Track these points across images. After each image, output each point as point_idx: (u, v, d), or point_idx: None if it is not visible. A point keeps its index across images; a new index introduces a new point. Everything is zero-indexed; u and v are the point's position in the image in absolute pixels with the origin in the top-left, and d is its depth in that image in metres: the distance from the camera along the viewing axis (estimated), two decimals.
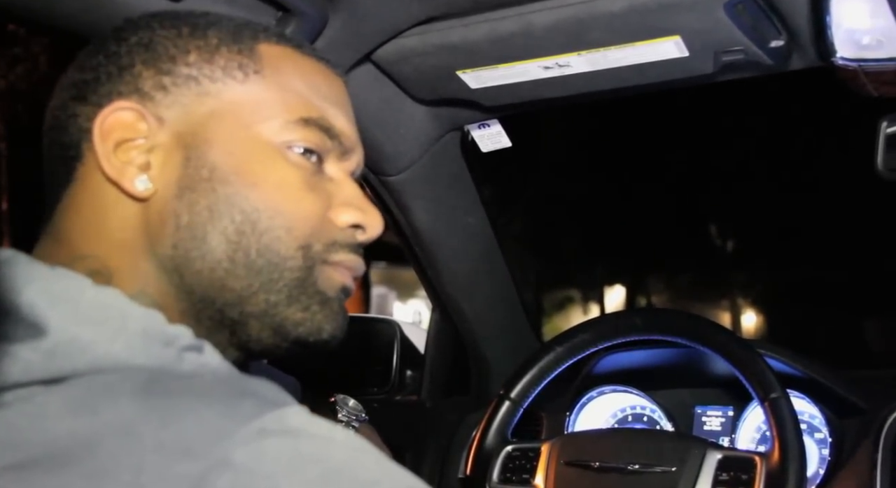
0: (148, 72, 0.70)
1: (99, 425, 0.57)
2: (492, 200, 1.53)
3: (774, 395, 1.21)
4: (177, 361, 0.63)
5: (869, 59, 1.02)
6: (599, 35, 1.07)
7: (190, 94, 0.70)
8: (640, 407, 1.52)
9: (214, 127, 0.70)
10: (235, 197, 0.69)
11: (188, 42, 0.72)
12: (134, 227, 0.69)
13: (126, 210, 0.69)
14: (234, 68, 0.72)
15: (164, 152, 0.69)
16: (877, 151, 1.11)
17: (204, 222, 0.69)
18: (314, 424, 0.59)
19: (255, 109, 0.72)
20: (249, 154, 0.71)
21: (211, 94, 0.71)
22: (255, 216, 0.69)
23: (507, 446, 1.38)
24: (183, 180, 0.69)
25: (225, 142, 0.70)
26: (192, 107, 0.70)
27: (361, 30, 1.09)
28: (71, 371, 0.59)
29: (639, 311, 2.71)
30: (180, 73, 0.70)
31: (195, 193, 0.69)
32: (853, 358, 11.60)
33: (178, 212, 0.68)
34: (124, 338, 0.62)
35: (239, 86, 0.71)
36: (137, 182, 0.68)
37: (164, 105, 0.69)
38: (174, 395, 0.59)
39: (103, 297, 0.63)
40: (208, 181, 0.69)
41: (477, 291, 1.55)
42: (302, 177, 0.72)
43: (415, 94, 1.25)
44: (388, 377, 1.65)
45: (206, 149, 0.70)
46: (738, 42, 1.05)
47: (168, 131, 0.69)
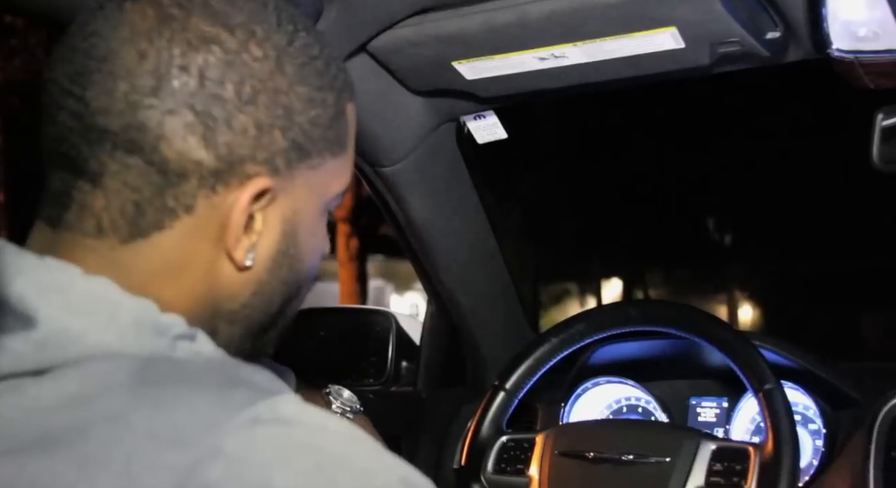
0: (284, 140, 0.67)
1: (90, 413, 0.57)
2: (488, 192, 1.53)
3: (769, 386, 1.21)
4: (169, 349, 0.64)
5: (865, 51, 1.02)
6: (595, 26, 1.07)
7: (302, 169, 0.69)
8: (635, 398, 1.52)
9: (305, 203, 0.71)
10: (301, 266, 0.74)
11: (311, 102, 0.69)
12: (213, 288, 0.69)
13: (217, 272, 0.69)
14: (333, 140, 0.71)
15: (270, 228, 0.69)
16: (872, 143, 1.11)
17: (275, 291, 0.72)
18: (307, 413, 0.59)
19: (332, 182, 0.73)
20: (317, 220, 0.74)
21: (314, 168, 0.70)
22: (304, 279, 0.75)
23: (501, 437, 1.38)
24: (275, 256, 0.70)
25: (309, 215, 0.72)
26: (297, 181, 0.69)
27: (356, 20, 1.09)
28: (62, 361, 0.59)
29: (634, 302, 2.70)
30: (301, 145, 0.69)
31: (281, 269, 0.71)
32: (850, 351, 11.63)
33: (261, 282, 0.70)
34: (115, 327, 0.62)
35: (332, 160, 0.72)
36: (248, 258, 0.68)
37: (283, 179, 0.68)
38: (166, 383, 0.59)
39: (94, 287, 0.63)
40: (293, 257, 0.72)
41: (473, 283, 1.55)
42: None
43: (410, 85, 1.25)
44: (383, 368, 1.66)
45: (298, 227, 0.71)
46: (734, 33, 1.05)
47: (277, 207, 0.69)
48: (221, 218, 0.66)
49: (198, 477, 0.54)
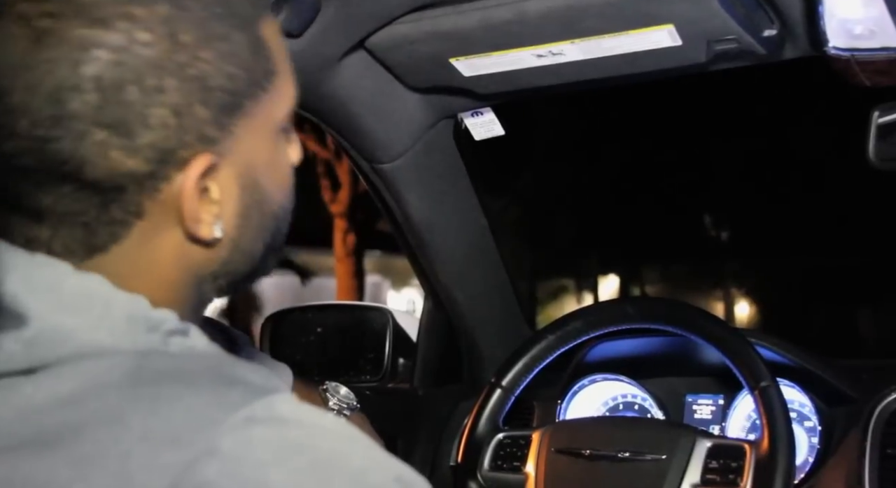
0: (208, 110, 0.65)
1: (86, 413, 0.57)
2: (485, 188, 1.53)
3: (764, 384, 1.22)
4: (162, 345, 0.64)
5: (861, 49, 1.02)
6: (593, 23, 1.07)
7: (238, 122, 0.67)
8: (632, 395, 1.52)
9: (255, 147, 0.69)
10: (272, 206, 0.72)
11: (222, 61, 0.65)
12: (189, 268, 0.69)
13: (188, 255, 0.68)
14: (260, 77, 0.68)
15: (227, 191, 0.68)
16: (868, 141, 1.11)
17: (254, 240, 0.72)
18: (303, 412, 0.60)
19: (275, 111, 0.71)
20: (274, 157, 0.72)
21: (250, 114, 0.68)
22: (282, 213, 0.74)
23: (498, 434, 1.38)
24: (242, 212, 0.69)
25: (263, 156, 0.70)
26: (238, 134, 0.67)
27: (354, 16, 1.09)
28: (54, 359, 0.59)
29: (631, 300, 2.72)
30: (227, 104, 0.66)
31: (251, 220, 0.70)
32: (846, 347, 11.65)
33: (234, 239, 0.70)
34: (108, 324, 0.62)
35: (265, 94, 0.69)
36: (216, 231, 0.67)
37: (222, 144, 0.66)
38: (162, 383, 0.59)
39: (86, 284, 0.63)
40: (260, 203, 0.71)
41: (469, 279, 1.55)
42: (292, 150, 0.75)
43: (408, 82, 1.25)
44: (380, 365, 1.65)
45: (257, 174, 0.70)
46: (731, 31, 1.05)
47: (228, 169, 0.67)
48: (175, 208, 0.65)
49: (194, 477, 0.54)
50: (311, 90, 1.19)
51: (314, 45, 1.10)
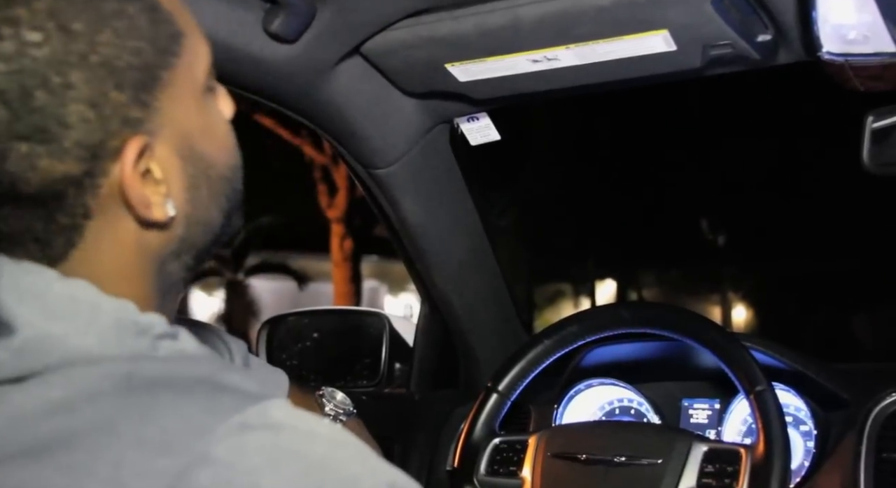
0: (123, 93, 0.63)
1: (78, 420, 0.57)
2: (481, 193, 1.54)
3: (760, 388, 1.22)
4: (151, 350, 0.63)
5: (855, 54, 1.03)
6: (587, 29, 1.07)
7: (158, 95, 0.65)
8: (628, 399, 1.52)
9: (183, 113, 0.68)
10: (219, 169, 0.71)
11: (122, 38, 0.63)
12: (149, 253, 0.68)
13: (147, 240, 0.67)
14: (167, 43, 0.66)
15: (169, 167, 0.67)
16: (863, 146, 1.12)
17: (208, 208, 0.71)
18: (296, 418, 0.59)
19: (194, 72, 0.69)
20: (207, 119, 0.71)
21: (169, 83, 0.66)
22: (231, 173, 0.73)
23: (494, 439, 1.38)
24: (189, 185, 0.69)
25: (194, 121, 0.69)
26: (163, 107, 0.66)
27: (350, 22, 1.09)
28: (42, 367, 0.59)
29: (626, 305, 2.70)
30: (142, 80, 0.64)
31: (199, 189, 0.70)
32: (843, 350, 11.66)
33: (189, 213, 0.69)
34: (96, 330, 0.61)
35: (178, 59, 0.67)
36: (169, 209, 0.67)
37: (149, 121, 0.65)
38: (154, 390, 0.58)
39: (72, 290, 0.62)
40: (204, 170, 0.70)
41: (466, 284, 1.55)
42: (223, 105, 0.74)
43: (403, 87, 1.25)
44: (377, 370, 1.65)
45: (193, 140, 0.69)
46: (725, 36, 1.05)
47: (163, 144, 0.66)
48: (121, 198, 0.64)
49: (188, 483, 0.54)
50: (307, 95, 1.20)
51: (309, 50, 1.10)
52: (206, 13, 0.98)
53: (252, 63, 1.08)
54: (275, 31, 1.04)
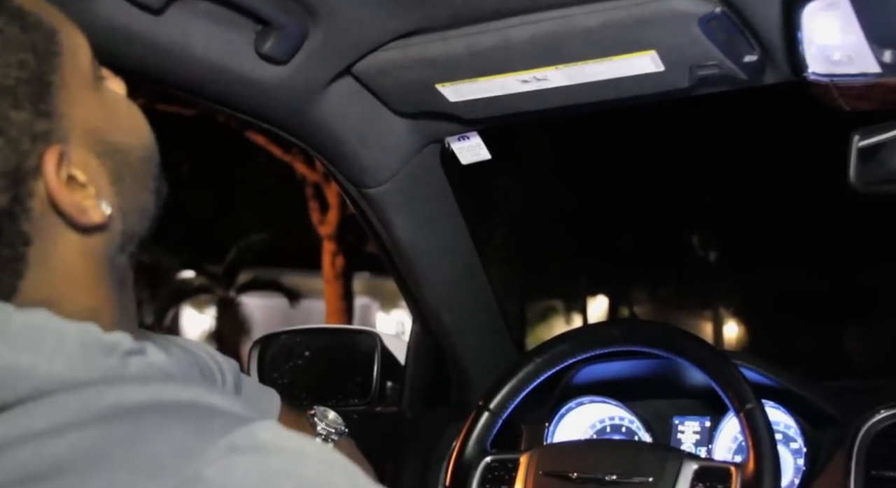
0: (22, 111, 0.62)
1: (65, 447, 0.56)
2: (473, 211, 1.54)
3: (749, 406, 1.22)
4: (121, 367, 0.63)
5: (840, 74, 1.04)
6: (576, 49, 1.08)
7: (58, 101, 0.64)
8: (619, 417, 1.53)
9: (84, 110, 0.67)
10: (136, 152, 0.71)
11: (2, 56, 0.62)
12: (97, 258, 0.68)
13: (92, 247, 0.67)
14: (46, 45, 0.64)
15: (89, 167, 0.66)
16: (849, 164, 1.13)
17: (138, 194, 0.71)
18: (285, 439, 0.59)
19: (79, 64, 0.67)
20: (107, 107, 0.70)
21: (61, 85, 0.65)
22: (148, 152, 0.72)
23: (486, 457, 1.38)
24: (112, 177, 0.68)
25: (96, 112, 0.68)
26: (63, 110, 0.65)
27: (341, 43, 1.10)
28: (15, 399, 0.58)
29: (617, 323, 2.71)
30: (36, 91, 0.63)
31: (124, 179, 0.69)
32: (833, 367, 11.68)
33: (121, 205, 0.69)
34: (63, 356, 0.61)
35: (61, 57, 0.66)
36: (105, 208, 0.66)
37: (55, 129, 0.64)
38: (141, 414, 0.58)
39: (32, 320, 0.61)
40: (122, 159, 0.69)
41: (457, 303, 1.55)
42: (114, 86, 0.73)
43: (394, 107, 1.26)
44: (368, 388, 1.65)
45: (100, 134, 0.68)
46: (712, 57, 1.07)
47: (77, 147, 0.65)
48: (54, 213, 0.64)
49: None
50: (298, 116, 1.20)
51: (301, 71, 1.11)
52: (198, 34, 0.99)
53: (243, 84, 1.09)
54: (266, 52, 1.05)
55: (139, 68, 0.97)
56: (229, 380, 1.05)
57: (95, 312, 0.66)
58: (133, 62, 0.96)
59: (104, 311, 0.67)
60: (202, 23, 0.99)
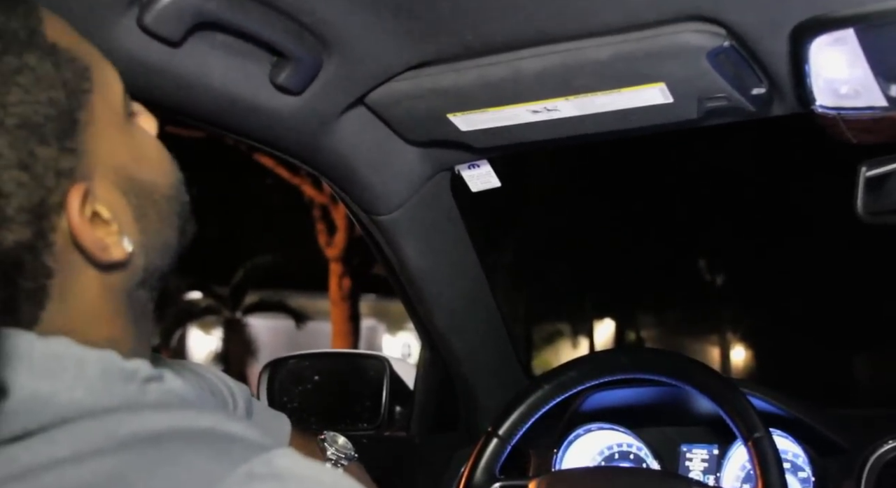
0: (50, 147, 0.62)
1: (87, 474, 0.57)
2: (482, 238, 1.55)
3: (758, 435, 1.23)
4: (140, 394, 0.64)
5: (847, 108, 1.05)
6: (586, 81, 1.09)
7: (85, 138, 0.65)
8: (627, 444, 1.53)
9: (111, 147, 0.67)
10: (161, 189, 0.72)
11: (32, 93, 0.62)
12: (118, 290, 0.69)
13: (112, 282, 0.68)
14: (77, 82, 0.65)
15: (114, 204, 0.67)
16: (857, 195, 1.14)
17: (160, 231, 0.72)
18: (301, 467, 0.60)
19: (109, 102, 0.68)
20: (135, 144, 0.71)
21: (90, 122, 0.66)
22: (174, 191, 0.74)
23: (495, 483, 1.38)
24: (136, 214, 0.69)
25: (124, 150, 0.69)
26: (89, 148, 0.65)
27: (355, 74, 1.11)
28: (37, 426, 0.59)
29: (626, 350, 2.71)
30: (64, 129, 0.64)
31: (148, 216, 0.70)
32: (841, 393, 11.60)
33: (144, 242, 0.70)
34: (84, 383, 0.62)
35: (92, 94, 0.66)
36: (127, 246, 0.67)
37: (81, 166, 0.65)
38: (161, 442, 0.59)
39: (54, 348, 0.62)
40: (147, 196, 0.70)
41: (466, 329, 1.56)
42: (145, 124, 0.75)
43: (406, 136, 1.27)
44: (377, 412, 1.66)
45: (126, 171, 0.68)
46: (720, 89, 1.08)
47: (102, 184, 0.66)
48: (76, 248, 0.64)
49: None
50: (311, 144, 1.22)
51: (315, 101, 1.13)
52: (215, 66, 1.01)
53: (258, 114, 1.10)
54: (281, 83, 1.06)
55: (157, 99, 0.99)
56: (240, 405, 1.06)
57: (113, 342, 0.67)
58: (152, 93, 0.97)
59: (122, 341, 0.68)
60: (219, 54, 1.01)
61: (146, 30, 0.91)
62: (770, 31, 0.98)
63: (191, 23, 0.92)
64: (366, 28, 1.03)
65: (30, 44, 0.63)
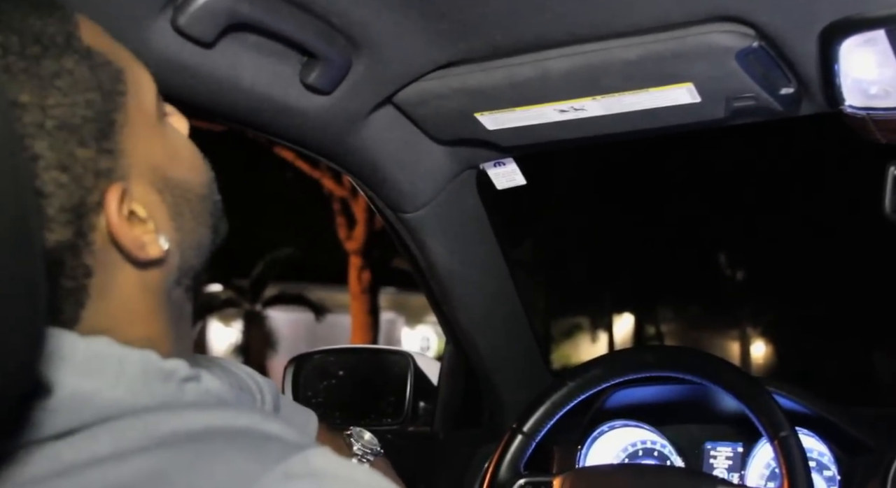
0: (88, 149, 0.63)
1: (129, 472, 0.58)
2: (506, 234, 1.56)
3: (784, 434, 1.23)
4: (178, 393, 0.65)
5: (877, 108, 1.05)
6: (614, 81, 1.10)
7: (122, 139, 0.66)
8: (651, 442, 1.53)
9: (146, 147, 0.69)
10: (195, 189, 0.73)
11: (70, 95, 0.63)
12: (155, 289, 0.70)
13: (149, 281, 0.69)
14: (112, 84, 0.67)
15: (150, 203, 0.68)
16: (885, 194, 1.14)
17: (195, 230, 0.73)
18: (336, 465, 0.61)
19: (143, 103, 0.69)
20: (169, 145, 0.72)
21: (126, 123, 0.67)
22: (207, 190, 0.75)
23: (519, 479, 1.39)
24: (172, 213, 0.70)
25: (158, 151, 0.70)
26: (126, 147, 0.67)
27: (383, 74, 1.12)
28: (80, 423, 0.61)
29: (651, 349, 2.70)
30: (101, 130, 0.65)
31: (183, 214, 0.71)
32: (863, 390, 11.52)
33: (179, 241, 0.71)
34: (125, 382, 0.63)
35: (126, 96, 0.68)
36: (163, 244, 0.68)
37: (118, 166, 0.66)
38: (201, 441, 0.60)
39: (95, 347, 0.63)
40: (182, 195, 0.71)
41: (491, 326, 1.57)
42: (177, 124, 0.76)
43: (433, 135, 1.28)
44: (401, 408, 1.67)
45: (164, 171, 0.70)
46: (749, 89, 1.08)
47: (138, 184, 0.67)
48: (115, 247, 0.66)
49: None
50: (340, 143, 1.23)
51: (344, 101, 1.14)
52: (246, 66, 1.02)
53: (288, 113, 1.11)
54: (311, 83, 1.07)
55: (189, 99, 1.00)
56: (268, 400, 1.07)
57: (151, 342, 0.68)
58: (183, 93, 0.99)
59: (160, 341, 0.70)
60: (250, 55, 1.02)
61: (180, 31, 0.92)
62: (800, 32, 0.98)
63: (224, 24, 0.94)
64: (395, 29, 1.04)
65: (67, 48, 0.64)
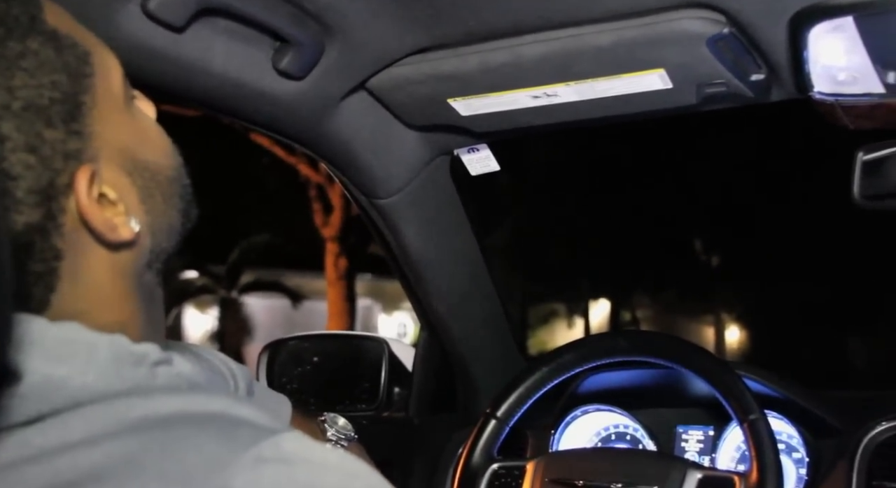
0: (56, 129, 0.63)
1: (100, 457, 0.58)
2: (480, 220, 1.56)
3: (753, 416, 1.24)
4: (150, 377, 0.65)
5: (845, 94, 1.06)
6: (587, 67, 1.10)
7: (90, 121, 0.66)
8: (624, 426, 1.55)
9: (114, 129, 0.68)
10: (165, 171, 0.73)
11: (36, 76, 0.63)
12: (126, 271, 0.69)
13: (121, 263, 0.69)
14: (79, 66, 0.66)
15: (120, 185, 0.68)
16: (853, 180, 1.15)
17: (165, 212, 0.73)
18: (309, 450, 0.61)
19: (110, 86, 0.69)
20: (138, 127, 0.71)
21: (93, 105, 0.67)
22: (175, 172, 0.74)
23: (493, 464, 1.40)
24: (142, 195, 0.70)
25: (127, 133, 0.70)
26: (94, 129, 0.66)
27: (356, 59, 1.12)
28: (49, 409, 0.60)
29: (623, 333, 2.73)
30: (69, 111, 0.64)
31: (153, 196, 0.71)
32: (835, 375, 11.67)
33: (150, 223, 0.71)
34: (96, 368, 0.62)
35: (94, 78, 0.67)
36: (134, 225, 0.68)
37: (87, 148, 0.65)
38: (172, 426, 0.60)
39: (65, 332, 0.63)
40: (151, 177, 0.71)
41: (465, 311, 1.58)
42: (145, 107, 0.75)
43: (407, 121, 1.28)
44: (376, 394, 1.67)
45: (131, 153, 0.69)
46: (720, 75, 1.09)
47: (107, 166, 0.67)
48: (85, 229, 0.65)
49: None
50: (313, 129, 1.23)
51: (316, 86, 1.13)
52: (218, 51, 1.01)
53: (261, 98, 1.11)
54: (284, 68, 1.07)
55: (160, 84, 1.00)
56: (242, 386, 1.07)
57: (122, 326, 0.68)
58: (154, 78, 0.98)
59: (131, 325, 0.69)
60: (222, 40, 1.01)
61: (150, 15, 0.91)
62: (770, 19, 0.98)
63: (195, 8, 0.93)
64: (368, 13, 1.04)
65: (31, 29, 0.63)
